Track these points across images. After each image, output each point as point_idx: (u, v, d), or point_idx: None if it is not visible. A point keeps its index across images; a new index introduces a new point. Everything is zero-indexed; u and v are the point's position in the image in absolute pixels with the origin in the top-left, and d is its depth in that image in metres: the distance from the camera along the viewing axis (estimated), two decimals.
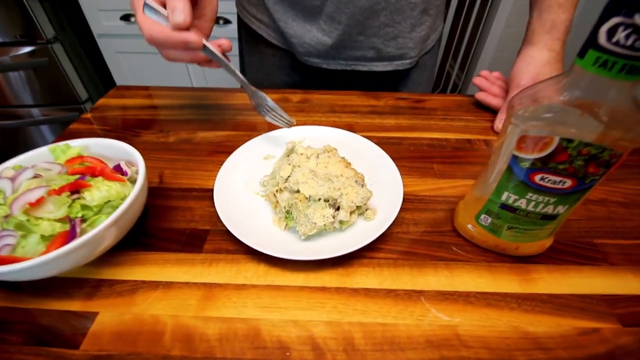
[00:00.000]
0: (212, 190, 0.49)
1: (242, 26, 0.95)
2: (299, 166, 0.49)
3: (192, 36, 0.47)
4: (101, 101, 0.78)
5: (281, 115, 0.60)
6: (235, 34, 0.99)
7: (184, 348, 0.37)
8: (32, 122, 2.15)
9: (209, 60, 0.53)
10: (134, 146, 0.49)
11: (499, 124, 0.70)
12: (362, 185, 0.48)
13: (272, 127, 0.63)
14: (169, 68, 1.72)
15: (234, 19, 1.86)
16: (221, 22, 1.92)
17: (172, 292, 0.42)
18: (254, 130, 0.69)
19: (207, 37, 0.54)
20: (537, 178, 0.36)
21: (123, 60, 2.07)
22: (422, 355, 0.36)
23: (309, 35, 0.80)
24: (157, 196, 0.55)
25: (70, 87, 2.03)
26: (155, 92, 0.82)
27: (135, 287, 0.42)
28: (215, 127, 0.70)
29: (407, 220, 0.51)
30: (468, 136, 0.69)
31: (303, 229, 0.44)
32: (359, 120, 0.72)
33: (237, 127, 0.70)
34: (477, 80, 0.78)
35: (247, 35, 0.94)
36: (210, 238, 0.48)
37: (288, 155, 0.53)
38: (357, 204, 0.46)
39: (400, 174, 0.52)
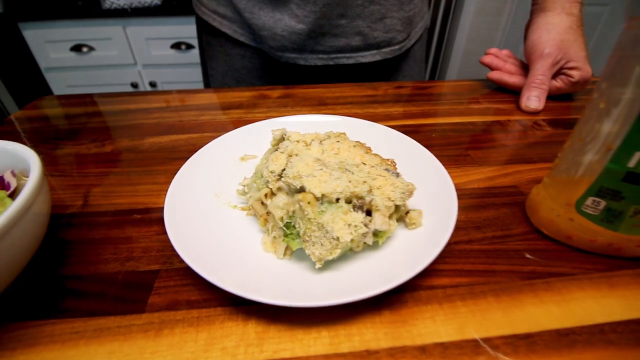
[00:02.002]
0: (162, 209, 0.31)
1: (202, 27, 0.80)
2: (296, 155, 0.32)
3: None
4: (18, 113, 0.58)
5: None
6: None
7: None
8: None
9: None
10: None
11: (527, 102, 0.57)
12: (398, 175, 0.31)
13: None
14: None
15: (196, 43, 1.74)
16: (183, 47, 1.79)
17: None
18: (224, 131, 0.51)
19: None
20: None
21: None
22: None
23: (280, 24, 0.66)
24: (76, 226, 0.35)
25: None
26: (96, 99, 0.63)
27: None
28: (170, 130, 0.52)
29: (464, 224, 0.34)
30: (496, 118, 0.55)
31: (319, 250, 0.26)
32: (358, 111, 0.57)
33: (201, 128, 0.52)
34: (487, 59, 0.66)
35: (208, 37, 0.80)
36: (160, 285, 0.29)
37: (276, 146, 0.35)
38: (397, 203, 0.29)
39: None
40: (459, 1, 2.08)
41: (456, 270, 0.30)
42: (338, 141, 0.35)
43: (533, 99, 0.57)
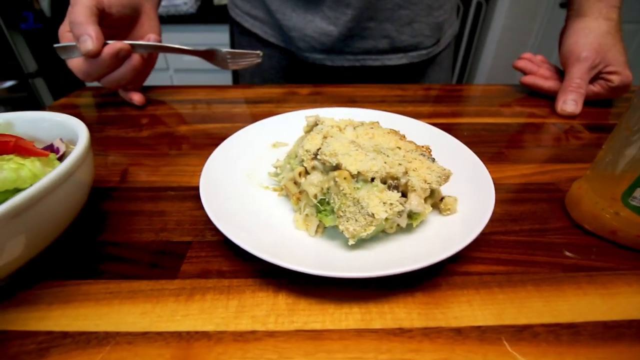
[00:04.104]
0: (196, 188, 0.31)
1: (235, 27, 0.83)
2: (331, 136, 0.32)
3: (118, 44, 0.49)
4: (54, 104, 0.61)
5: (244, 55, 0.57)
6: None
7: None
8: None
9: (144, 62, 0.54)
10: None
11: (564, 105, 0.55)
12: (434, 160, 0.31)
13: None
14: None
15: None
16: None
17: (116, 353, 0.22)
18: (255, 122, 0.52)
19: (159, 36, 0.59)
20: None
21: None
22: None
23: (311, 26, 0.68)
24: (114, 199, 0.36)
25: None
26: None
27: (51, 344, 0.22)
28: (204, 119, 0.54)
29: (500, 216, 0.33)
30: (531, 120, 0.54)
31: (353, 226, 0.26)
32: (387, 109, 0.57)
33: (232, 118, 0.54)
34: (521, 63, 0.65)
35: (240, 37, 0.83)
36: (192, 255, 0.29)
37: (309, 132, 0.36)
38: (433, 186, 0.28)
39: None
40: (488, 13, 2.08)
41: (492, 258, 0.28)
42: (372, 128, 0.35)
43: (570, 103, 0.55)
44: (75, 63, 0.51)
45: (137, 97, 0.57)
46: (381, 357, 0.21)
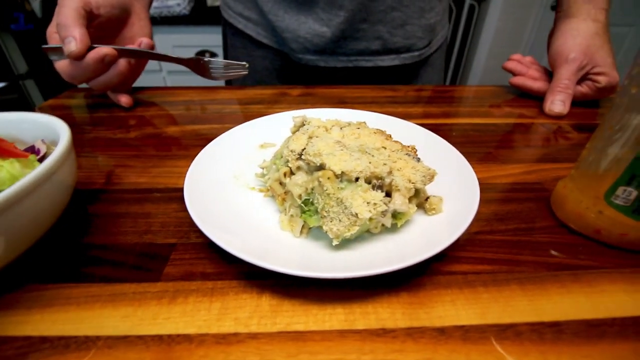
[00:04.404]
0: (182, 189, 0.31)
1: (228, 29, 0.83)
2: (317, 137, 0.32)
3: (103, 49, 0.48)
4: (43, 104, 0.60)
5: (229, 66, 0.54)
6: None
7: None
8: None
9: (131, 67, 0.53)
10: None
11: (551, 105, 0.56)
12: (419, 160, 0.31)
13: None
14: None
15: (220, 51, 1.81)
16: (207, 55, 1.86)
17: (95, 357, 0.22)
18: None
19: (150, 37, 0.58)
20: None
21: None
22: None
23: (304, 27, 0.68)
24: (99, 201, 0.36)
25: None
26: None
27: (29, 349, 0.22)
28: (193, 120, 0.53)
29: (486, 215, 0.33)
30: (520, 120, 0.54)
31: (336, 226, 0.26)
32: (378, 110, 0.57)
33: (222, 119, 0.53)
34: (510, 64, 0.65)
35: (233, 39, 0.82)
36: (176, 257, 0.29)
37: (296, 132, 0.36)
38: (417, 185, 0.28)
39: None
40: (480, 15, 2.10)
41: (477, 258, 0.28)
42: (358, 128, 0.35)
43: (558, 103, 0.55)
44: (62, 65, 0.51)
45: (124, 99, 0.56)
46: (364, 358, 0.21)
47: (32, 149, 0.31)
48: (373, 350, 0.22)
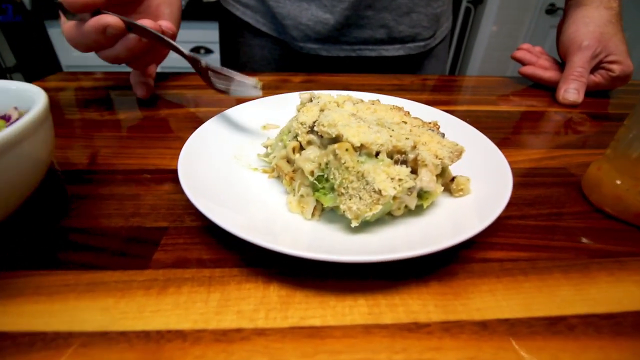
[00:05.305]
0: (176, 171, 0.27)
1: (225, 17, 0.80)
2: (329, 109, 0.28)
3: (107, 18, 0.39)
4: (38, 83, 0.55)
5: (242, 81, 0.40)
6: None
7: None
8: None
9: (143, 47, 0.43)
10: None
11: (565, 94, 0.54)
12: (443, 136, 0.28)
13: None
14: None
15: (216, 48, 1.77)
16: (202, 51, 1.81)
17: (66, 357, 0.18)
18: None
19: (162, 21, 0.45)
20: None
21: None
22: None
23: (306, 14, 0.65)
24: (83, 182, 0.32)
25: None
26: (109, 76, 0.61)
27: None
28: (189, 103, 0.49)
29: (514, 200, 0.30)
30: (533, 108, 0.52)
31: (356, 205, 0.22)
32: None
33: (220, 103, 0.50)
34: (519, 53, 0.63)
35: (230, 27, 0.79)
36: (167, 242, 0.25)
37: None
38: (445, 162, 0.25)
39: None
40: (476, 18, 2.10)
41: (512, 244, 0.25)
42: (373, 104, 0.32)
43: (572, 91, 0.53)
44: (66, 27, 0.43)
45: (140, 91, 0.49)
46: (395, 358, 0.18)
47: (4, 117, 0.27)
48: (406, 349, 0.18)
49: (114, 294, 0.21)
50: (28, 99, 0.27)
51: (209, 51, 1.79)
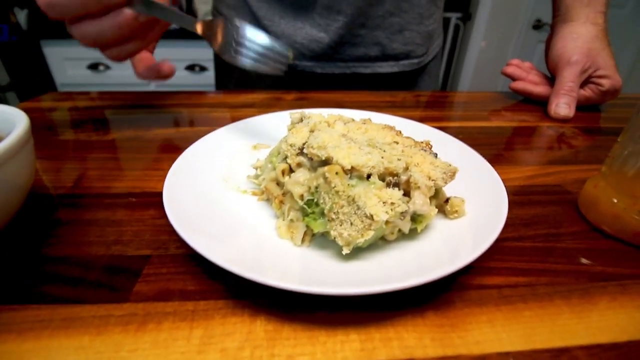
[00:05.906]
0: (161, 194, 0.26)
1: None
2: (319, 130, 0.28)
3: None
4: (27, 103, 0.55)
5: (270, 49, 0.34)
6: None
7: None
8: None
9: (136, 27, 0.36)
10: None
11: (557, 109, 0.54)
12: (436, 156, 0.27)
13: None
14: None
15: (210, 65, 1.78)
16: (197, 69, 1.83)
17: None
18: None
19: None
20: None
21: None
22: None
23: (301, 33, 0.66)
24: (64, 207, 0.30)
25: None
26: (103, 96, 0.61)
27: None
28: (179, 123, 0.49)
29: (510, 220, 0.29)
30: (525, 124, 0.52)
31: (347, 231, 0.21)
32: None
33: (211, 122, 0.49)
34: (509, 69, 0.64)
35: None
36: (150, 272, 0.24)
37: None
38: (438, 183, 0.24)
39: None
40: (465, 35, 2.15)
41: (510, 268, 0.24)
42: (364, 123, 0.31)
43: (563, 106, 0.53)
44: None
45: (165, 68, 0.46)
46: None
47: None
48: None
49: (89, 330, 0.20)
50: (8, 122, 0.26)
51: (203, 69, 1.80)
